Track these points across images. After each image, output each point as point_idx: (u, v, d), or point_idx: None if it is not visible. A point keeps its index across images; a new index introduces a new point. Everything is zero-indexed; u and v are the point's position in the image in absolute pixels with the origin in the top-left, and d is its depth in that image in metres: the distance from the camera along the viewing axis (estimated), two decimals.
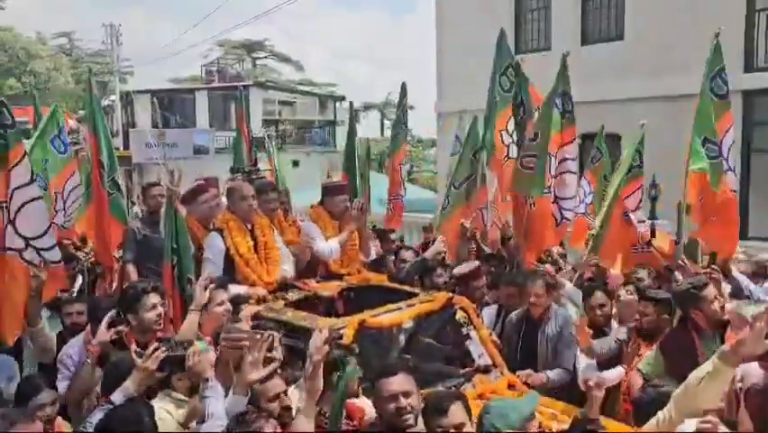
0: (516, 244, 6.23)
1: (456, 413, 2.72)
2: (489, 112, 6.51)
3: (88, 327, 4.01)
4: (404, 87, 8.24)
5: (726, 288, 4.99)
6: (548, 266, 5.80)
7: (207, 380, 2.96)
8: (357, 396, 3.24)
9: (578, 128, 6.51)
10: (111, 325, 3.56)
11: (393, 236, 8.01)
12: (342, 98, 31.21)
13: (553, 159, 5.86)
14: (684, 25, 11.06)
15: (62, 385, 3.78)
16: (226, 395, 3.01)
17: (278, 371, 3.31)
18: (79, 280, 5.90)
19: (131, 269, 5.32)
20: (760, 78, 10.88)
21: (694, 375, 2.64)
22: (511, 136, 6.35)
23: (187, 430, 2.99)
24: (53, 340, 4.23)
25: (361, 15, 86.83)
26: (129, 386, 2.99)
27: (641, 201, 6.10)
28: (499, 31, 6.54)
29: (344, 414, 3.03)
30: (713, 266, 5.12)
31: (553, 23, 13.95)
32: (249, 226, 4.71)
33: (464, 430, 2.72)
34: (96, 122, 5.52)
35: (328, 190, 5.40)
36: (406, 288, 4.79)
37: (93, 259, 6.30)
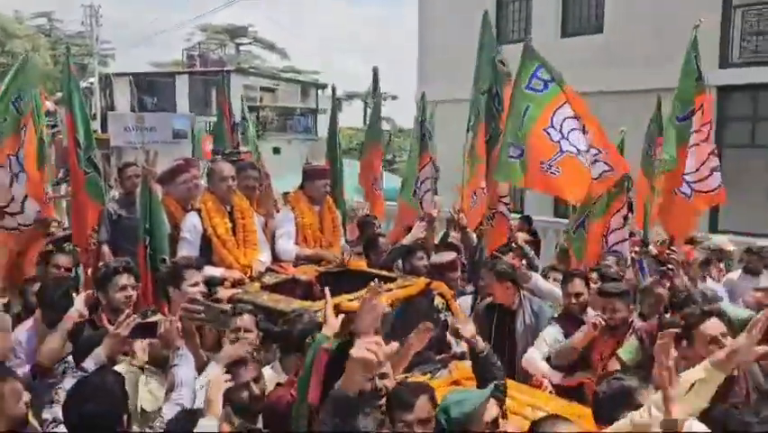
0: (479, 233, 6.21)
1: (422, 407, 2.64)
2: (475, 99, 6.49)
3: (38, 312, 3.95)
4: (376, 73, 8.15)
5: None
6: (511, 255, 5.75)
7: (178, 348, 2.93)
8: None
9: None
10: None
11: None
12: (325, 86, 31.01)
13: (553, 131, 5.70)
14: (662, 20, 11.18)
15: None
16: None
17: (254, 355, 3.30)
18: None
19: (106, 250, 5.24)
20: (734, 74, 11.07)
21: (683, 380, 2.56)
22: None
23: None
24: (7, 321, 4.15)
25: (353, 6, 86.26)
26: (100, 353, 2.97)
27: (626, 217, 6.06)
28: (483, 14, 6.46)
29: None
30: (672, 248, 5.25)
31: (533, 15, 14.03)
32: (228, 208, 4.65)
33: (430, 425, 2.65)
34: (72, 99, 5.41)
35: (308, 174, 5.35)
36: (385, 273, 4.77)
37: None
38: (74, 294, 4.00)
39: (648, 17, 11.66)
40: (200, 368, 3.03)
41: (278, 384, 3.19)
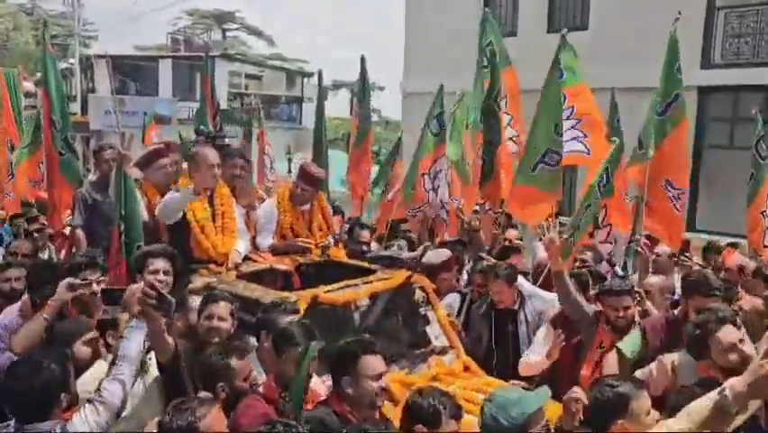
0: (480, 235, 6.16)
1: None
2: (475, 94, 6.43)
3: (25, 296, 3.85)
4: (363, 62, 7.93)
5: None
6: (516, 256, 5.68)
7: (134, 317, 2.86)
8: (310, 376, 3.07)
9: None
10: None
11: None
12: (311, 75, 30.82)
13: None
14: (646, 19, 11.21)
15: None
16: (165, 365, 2.94)
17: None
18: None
19: (80, 234, 5.11)
20: (716, 74, 11.17)
21: (697, 407, 2.42)
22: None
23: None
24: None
25: None
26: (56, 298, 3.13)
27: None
28: (482, 12, 6.45)
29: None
30: (686, 255, 5.24)
31: (520, 10, 14.04)
32: (208, 193, 4.51)
33: None
34: (48, 78, 5.28)
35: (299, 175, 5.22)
36: (366, 264, 4.71)
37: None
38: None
39: (633, 15, 11.71)
40: (169, 354, 2.94)
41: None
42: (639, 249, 5.44)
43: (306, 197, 5.05)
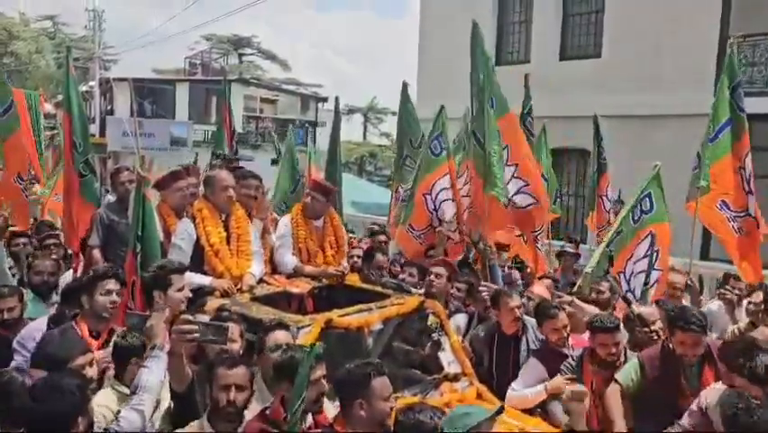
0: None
1: None
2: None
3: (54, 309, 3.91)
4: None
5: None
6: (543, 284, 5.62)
7: (154, 347, 2.87)
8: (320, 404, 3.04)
9: (549, 142, 6.59)
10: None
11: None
12: (325, 99, 31.12)
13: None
14: (660, 48, 11.27)
15: None
16: (180, 393, 2.93)
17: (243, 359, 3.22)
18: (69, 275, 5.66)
19: (97, 255, 5.17)
20: None
21: None
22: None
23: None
24: None
25: (355, 16, 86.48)
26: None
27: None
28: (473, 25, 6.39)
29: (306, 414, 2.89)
30: (727, 287, 5.26)
31: (533, 38, 14.16)
32: (223, 216, 4.53)
33: None
34: (71, 101, 5.39)
35: (309, 188, 5.29)
36: (379, 289, 4.72)
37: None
38: None
39: (645, 45, 11.77)
40: (186, 383, 2.95)
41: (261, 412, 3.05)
42: (689, 281, 5.39)
43: (318, 208, 5.07)
